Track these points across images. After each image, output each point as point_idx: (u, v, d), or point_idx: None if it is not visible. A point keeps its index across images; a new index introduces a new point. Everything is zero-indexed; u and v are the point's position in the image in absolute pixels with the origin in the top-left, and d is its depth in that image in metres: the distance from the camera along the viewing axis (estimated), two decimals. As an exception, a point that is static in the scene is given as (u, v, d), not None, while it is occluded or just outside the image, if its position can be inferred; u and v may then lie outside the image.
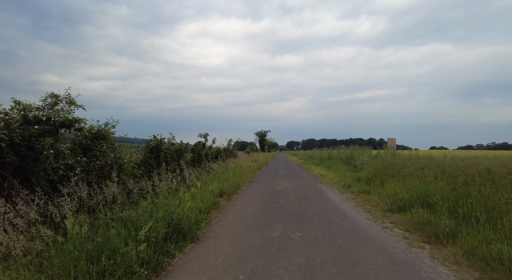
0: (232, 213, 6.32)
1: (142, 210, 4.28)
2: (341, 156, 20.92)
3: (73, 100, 4.77)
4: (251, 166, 15.90)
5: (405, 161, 9.28)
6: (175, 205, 4.62)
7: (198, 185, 6.52)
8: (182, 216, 4.23)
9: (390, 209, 6.33)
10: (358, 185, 9.95)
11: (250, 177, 12.95)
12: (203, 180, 9.19)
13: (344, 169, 15.34)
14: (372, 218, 5.87)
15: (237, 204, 7.32)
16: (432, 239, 4.24)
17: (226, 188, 8.15)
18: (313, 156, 29.66)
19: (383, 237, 4.56)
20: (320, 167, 19.88)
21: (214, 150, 17.67)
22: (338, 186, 10.58)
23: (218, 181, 8.57)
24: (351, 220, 5.69)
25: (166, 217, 3.98)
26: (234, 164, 14.36)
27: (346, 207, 6.97)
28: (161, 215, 4.03)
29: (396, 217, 5.74)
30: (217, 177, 9.66)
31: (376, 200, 7.34)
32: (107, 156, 6.30)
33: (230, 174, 10.31)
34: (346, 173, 14.13)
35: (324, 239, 4.44)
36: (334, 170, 16.40)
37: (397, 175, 8.82)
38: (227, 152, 20.22)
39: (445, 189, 5.76)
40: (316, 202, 7.55)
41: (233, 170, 11.80)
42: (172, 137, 10.81)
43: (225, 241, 4.38)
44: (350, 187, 9.73)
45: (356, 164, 17.01)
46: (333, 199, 7.98)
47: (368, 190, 8.71)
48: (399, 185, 7.64)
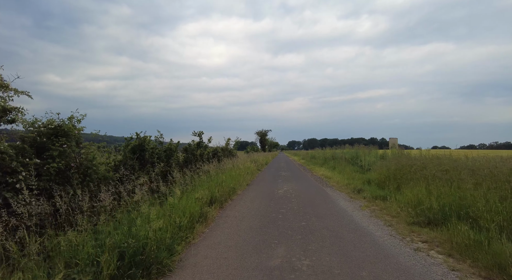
0: (222, 227, 5.14)
1: (88, 235, 3.10)
2: (346, 156, 19.76)
3: (6, 83, 3.61)
4: (250, 166, 14.74)
5: (425, 162, 8.08)
6: (140, 224, 3.45)
7: (178, 193, 5.34)
8: (147, 241, 3.07)
9: (415, 222, 5.15)
10: (370, 189, 8.78)
11: (248, 179, 11.79)
12: (194, 184, 8.04)
13: (351, 170, 14.16)
14: (396, 234, 4.69)
15: (230, 214, 6.15)
16: (495, 272, 3.06)
17: (218, 193, 6.98)
18: (315, 156, 28.46)
19: (421, 267, 3.38)
20: (324, 167, 18.70)
21: (211, 149, 16.54)
22: (347, 190, 9.40)
23: (210, 185, 7.40)
24: (371, 237, 4.51)
25: (121, 243, 2.82)
26: (231, 165, 13.20)
27: (361, 218, 5.80)
28: (116, 240, 2.87)
29: (427, 234, 4.56)
30: (209, 180, 8.50)
31: (395, 209, 6.17)
32: (69, 156, 5.15)
33: (223, 176, 9.15)
34: (353, 175, 12.95)
35: (341, 271, 3.26)
36: (339, 171, 15.22)
37: (416, 178, 7.64)
38: (225, 151, 19.08)
39: (492, 198, 4.56)
40: (324, 211, 6.37)
41: (229, 172, 10.63)
42: (160, 135, 9.67)
43: (206, 274, 3.21)
44: (361, 191, 8.55)
45: (363, 164, 15.88)
46: (344, 207, 6.80)
47: (383, 196, 7.53)
48: (421, 191, 6.46)
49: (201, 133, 13.16)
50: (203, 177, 8.88)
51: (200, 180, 8.62)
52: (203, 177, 8.88)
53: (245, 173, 12.53)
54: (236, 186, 9.31)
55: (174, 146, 10.79)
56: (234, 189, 8.69)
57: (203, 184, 7.64)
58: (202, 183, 7.91)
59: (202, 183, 7.91)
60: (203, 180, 8.38)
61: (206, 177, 8.89)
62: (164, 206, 4.82)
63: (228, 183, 8.80)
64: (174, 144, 10.87)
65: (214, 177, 9.36)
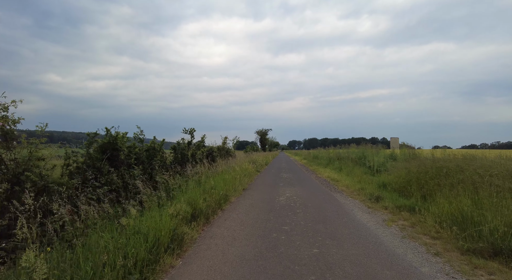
0: (202, 257, 3.68)
1: None
2: (351, 156, 18.33)
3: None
4: (248, 168, 13.28)
5: (460, 164, 6.60)
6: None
7: (133, 212, 3.82)
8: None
9: (472, 249, 3.68)
10: (389, 196, 7.31)
11: (245, 183, 10.33)
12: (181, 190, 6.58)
13: (360, 172, 12.69)
14: (454, 271, 3.22)
15: (217, 232, 4.68)
16: None
17: (204, 204, 5.52)
18: (318, 156, 26.98)
19: None
20: (329, 168, 17.24)
21: (206, 149, 15.08)
22: (361, 197, 7.93)
23: (194, 193, 5.94)
24: (420, 278, 3.05)
25: None
26: (226, 166, 11.74)
27: (391, 239, 4.32)
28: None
29: (500, 273, 3.10)
30: (197, 185, 7.04)
31: (432, 225, 4.71)
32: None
33: (214, 181, 7.68)
34: (364, 177, 11.50)
35: None
36: (347, 172, 13.76)
37: (450, 184, 6.17)
38: (222, 151, 17.62)
39: None
40: (340, 228, 4.90)
41: (222, 175, 9.17)
42: (140, 131, 8.22)
43: None
44: (379, 199, 7.07)
45: (371, 165, 14.45)
46: (363, 221, 5.34)
47: (410, 206, 6.06)
48: (464, 202, 4.99)
49: (193, 131, 11.69)
50: (190, 182, 7.41)
51: (187, 185, 7.16)
52: (190, 182, 7.41)
53: (242, 175, 11.07)
54: (230, 191, 7.85)
55: (158, 145, 9.35)
56: (227, 196, 7.23)
57: (187, 192, 6.17)
58: (187, 189, 6.44)
59: (187, 189, 6.44)
60: (189, 186, 6.91)
61: (193, 182, 7.42)
62: (127, 229, 3.36)
63: (220, 188, 7.34)
64: (158, 142, 9.43)
65: (204, 181, 7.90)
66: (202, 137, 12.89)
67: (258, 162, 19.25)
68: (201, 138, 12.93)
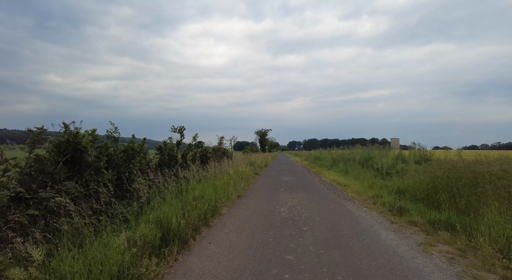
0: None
1: None
2: (357, 157, 17.07)
3: None
4: (245, 171, 11.96)
5: (506, 168, 5.28)
6: None
7: (36, 257, 2.43)
8: None
9: None
10: (414, 207, 6.00)
11: (241, 188, 9.02)
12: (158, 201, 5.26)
13: (370, 175, 11.38)
14: None
15: (192, 269, 3.36)
16: None
17: (182, 222, 4.21)
18: (320, 157, 25.66)
19: None
20: (333, 171, 15.93)
21: (199, 149, 13.76)
22: (378, 207, 6.62)
23: (170, 208, 4.62)
24: None
25: None
26: (219, 169, 10.43)
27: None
28: None
29: None
30: (177, 196, 5.73)
31: (494, 256, 3.41)
32: None
33: (198, 189, 6.36)
34: (375, 182, 10.19)
35: None
36: (354, 176, 12.46)
37: (495, 195, 4.87)
38: (218, 152, 16.31)
39: None
40: (365, 258, 3.59)
41: (212, 180, 7.86)
42: (114, 129, 6.93)
43: None
44: (403, 212, 5.75)
45: (379, 167, 13.18)
46: (392, 246, 4.02)
47: (448, 222, 4.75)
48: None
49: (182, 129, 10.37)
50: (166, 192, 6.04)
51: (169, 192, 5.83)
52: (166, 192, 6.04)
53: (238, 180, 9.77)
54: (221, 200, 6.54)
55: (139, 144, 8.05)
56: (216, 207, 5.91)
57: (164, 204, 4.85)
58: (164, 202, 5.12)
59: (164, 202, 5.12)
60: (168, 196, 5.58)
61: (174, 190, 6.11)
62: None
63: (209, 196, 6.04)
64: (138, 141, 8.12)
65: (191, 188, 6.59)
66: (194, 137, 11.55)
67: (257, 164, 17.93)
68: (193, 137, 11.59)
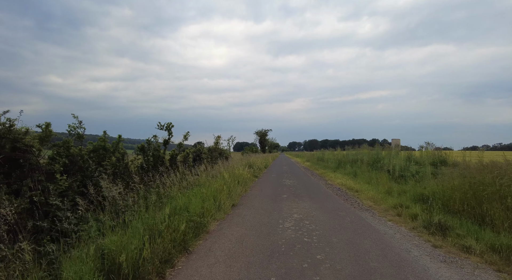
0: None
1: None
2: (364, 158, 15.76)
3: None
4: (243, 174, 10.61)
5: None
6: None
7: None
8: None
9: None
10: (457, 223, 4.67)
11: (237, 195, 7.69)
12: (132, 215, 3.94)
13: (385, 179, 10.04)
14: None
15: None
16: None
17: (145, 253, 2.87)
18: (324, 158, 24.31)
19: None
20: (340, 173, 14.61)
21: (192, 150, 12.41)
22: (405, 220, 5.29)
23: (134, 227, 3.28)
24: None
25: None
26: (211, 173, 9.10)
27: None
28: None
29: None
30: (148, 213, 4.39)
31: None
32: None
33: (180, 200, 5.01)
34: (391, 186, 8.86)
35: None
36: (365, 179, 11.12)
37: None
38: (214, 153, 14.96)
39: None
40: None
41: (198, 188, 6.50)
42: (79, 123, 5.63)
43: None
44: (446, 230, 4.41)
45: (389, 169, 11.85)
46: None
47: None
48: None
49: (170, 126, 9.04)
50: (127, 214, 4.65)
51: (137, 208, 4.49)
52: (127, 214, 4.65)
53: (233, 184, 8.44)
54: (209, 213, 5.20)
55: (115, 142, 6.76)
56: (202, 224, 4.57)
57: (118, 227, 3.51)
58: (127, 223, 3.78)
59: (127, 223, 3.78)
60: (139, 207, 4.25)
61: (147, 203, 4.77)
62: None
63: (193, 209, 4.73)
64: (113, 140, 6.82)
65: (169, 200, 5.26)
66: (185, 135, 10.19)
67: (256, 165, 16.59)
68: (184, 136, 10.23)
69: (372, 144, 19.21)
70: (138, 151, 8.10)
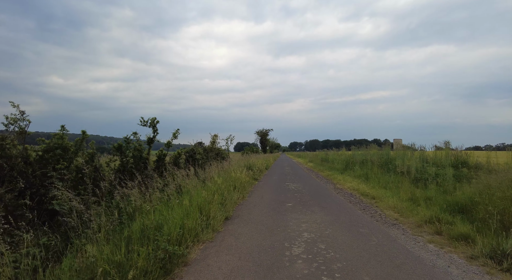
0: None
1: None
2: (373, 159, 14.47)
3: None
4: (241, 177, 9.29)
5: None
6: None
7: None
8: None
9: None
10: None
11: (232, 204, 6.38)
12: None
13: (407, 184, 8.70)
14: None
15: None
16: None
17: None
18: (328, 159, 22.96)
19: None
20: (348, 176, 13.27)
21: (184, 150, 11.08)
22: (450, 242, 3.97)
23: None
24: None
25: None
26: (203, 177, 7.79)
27: None
28: None
29: None
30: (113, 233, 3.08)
31: None
32: None
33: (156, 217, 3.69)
34: (415, 193, 7.53)
35: None
36: (380, 183, 9.78)
37: None
38: (210, 153, 13.65)
39: None
40: None
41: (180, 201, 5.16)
42: (21, 114, 4.37)
43: None
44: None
45: (403, 171, 10.58)
46: None
47: None
48: None
49: (155, 122, 7.72)
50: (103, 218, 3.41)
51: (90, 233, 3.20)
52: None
53: (230, 189, 7.14)
54: (192, 234, 3.90)
55: (76, 142, 5.46)
56: (176, 254, 3.26)
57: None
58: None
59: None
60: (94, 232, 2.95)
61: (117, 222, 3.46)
62: None
63: (170, 228, 3.43)
64: (76, 138, 5.53)
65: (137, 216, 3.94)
66: (174, 133, 8.87)
67: (257, 167, 15.27)
68: (173, 134, 8.92)
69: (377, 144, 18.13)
70: (115, 150, 6.80)
